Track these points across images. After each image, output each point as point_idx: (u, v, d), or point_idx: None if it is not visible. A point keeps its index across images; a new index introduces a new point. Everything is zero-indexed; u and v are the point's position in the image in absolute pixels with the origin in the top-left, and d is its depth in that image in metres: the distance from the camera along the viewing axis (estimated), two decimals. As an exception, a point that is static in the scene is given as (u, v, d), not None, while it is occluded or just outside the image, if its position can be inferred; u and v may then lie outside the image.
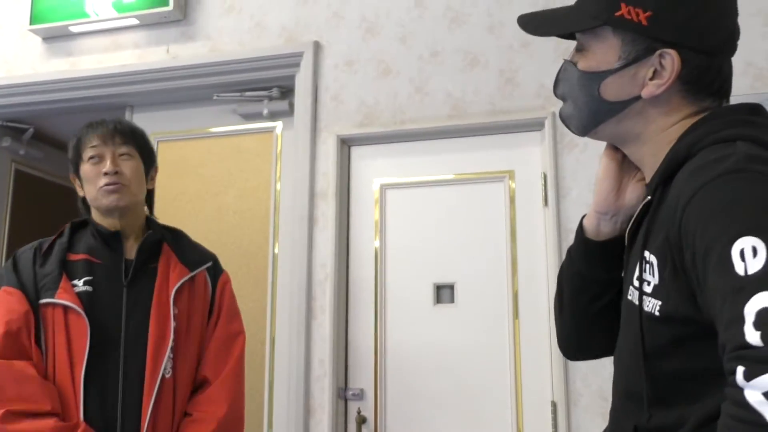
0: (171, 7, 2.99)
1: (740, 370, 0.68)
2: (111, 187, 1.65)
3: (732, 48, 0.96)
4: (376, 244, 2.70)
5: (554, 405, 2.38)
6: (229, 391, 1.67)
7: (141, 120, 3.27)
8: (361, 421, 2.56)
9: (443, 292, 2.61)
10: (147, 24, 3.11)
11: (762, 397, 0.66)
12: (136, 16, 3.07)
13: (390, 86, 2.72)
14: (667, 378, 0.89)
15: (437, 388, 2.53)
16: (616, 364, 1.04)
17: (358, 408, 2.58)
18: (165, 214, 3.08)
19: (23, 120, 3.59)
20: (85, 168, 1.68)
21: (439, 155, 2.69)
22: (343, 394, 2.61)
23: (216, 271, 1.79)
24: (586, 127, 1.02)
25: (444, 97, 2.65)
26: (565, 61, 1.04)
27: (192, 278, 1.70)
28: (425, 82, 2.68)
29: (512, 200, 2.59)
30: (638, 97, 0.95)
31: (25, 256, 1.64)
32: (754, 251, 0.71)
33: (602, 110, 0.98)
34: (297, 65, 2.86)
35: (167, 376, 1.58)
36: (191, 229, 3.03)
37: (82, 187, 1.72)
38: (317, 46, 2.85)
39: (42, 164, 3.92)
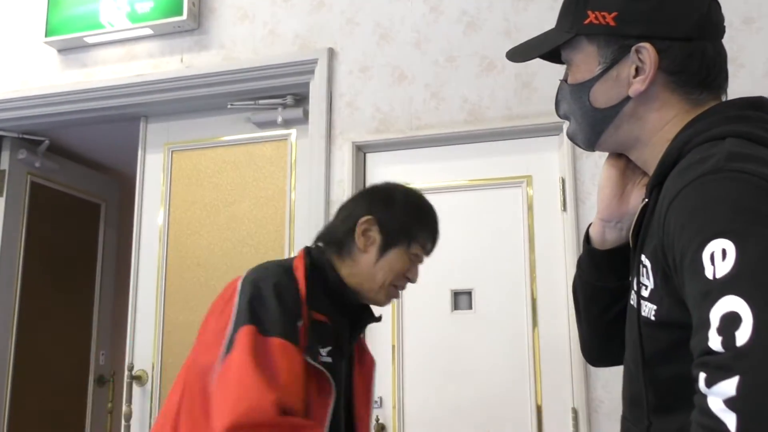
0: (185, 16, 2.99)
1: (702, 376, 0.67)
2: (398, 294, 1.55)
3: (710, 30, 0.94)
4: (393, 251, 2.68)
5: (575, 412, 2.35)
6: None
7: (156, 130, 3.29)
8: (380, 429, 2.53)
9: (461, 299, 2.59)
10: (161, 34, 3.11)
11: (723, 405, 0.64)
12: (150, 26, 3.08)
13: (405, 92, 2.71)
14: (666, 384, 0.87)
15: (456, 395, 2.50)
16: (623, 370, 1.03)
17: (377, 416, 2.55)
18: (180, 223, 3.12)
19: (39, 132, 3.60)
20: (403, 257, 1.50)
21: (455, 161, 2.68)
22: (361, 402, 2.58)
23: None
24: (590, 141, 1.03)
25: (460, 102, 2.63)
26: (560, 81, 1.05)
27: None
28: (441, 87, 2.67)
29: (530, 206, 2.56)
30: (628, 98, 0.95)
31: (288, 292, 1.36)
32: (724, 254, 0.69)
33: (598, 119, 0.99)
34: (311, 72, 2.85)
35: None
36: (206, 238, 3.06)
37: (376, 251, 1.49)
38: (331, 53, 2.84)
39: (57, 176, 3.93)
